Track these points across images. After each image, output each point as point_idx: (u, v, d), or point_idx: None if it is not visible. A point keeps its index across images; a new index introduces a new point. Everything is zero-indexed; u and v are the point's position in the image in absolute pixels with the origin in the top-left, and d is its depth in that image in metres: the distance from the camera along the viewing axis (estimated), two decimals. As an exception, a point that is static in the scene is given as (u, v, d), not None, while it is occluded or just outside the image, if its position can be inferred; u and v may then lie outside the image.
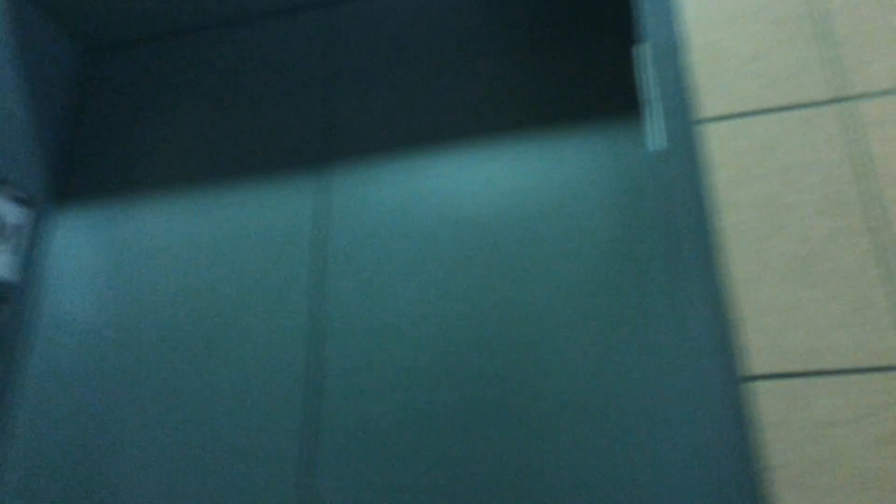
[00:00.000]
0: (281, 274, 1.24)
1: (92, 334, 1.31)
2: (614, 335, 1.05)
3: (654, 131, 0.91)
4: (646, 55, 0.93)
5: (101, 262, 1.37)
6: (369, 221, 1.23)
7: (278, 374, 1.18)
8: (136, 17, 1.47)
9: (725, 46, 0.90)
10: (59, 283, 1.38)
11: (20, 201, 1.37)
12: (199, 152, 1.39)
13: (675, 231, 0.88)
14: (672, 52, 0.92)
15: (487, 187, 1.19)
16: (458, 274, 1.15)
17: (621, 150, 1.13)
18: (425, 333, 1.13)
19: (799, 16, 0.89)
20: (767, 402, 0.76)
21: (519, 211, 1.16)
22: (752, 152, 0.86)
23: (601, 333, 1.05)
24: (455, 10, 1.33)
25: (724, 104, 0.88)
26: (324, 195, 1.28)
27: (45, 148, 1.44)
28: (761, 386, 0.76)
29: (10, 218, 1.34)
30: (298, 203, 1.28)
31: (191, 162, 1.39)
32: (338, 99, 1.34)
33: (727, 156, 0.87)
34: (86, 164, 1.47)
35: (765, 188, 0.83)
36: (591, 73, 1.20)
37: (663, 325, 1.03)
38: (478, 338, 1.10)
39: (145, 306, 1.30)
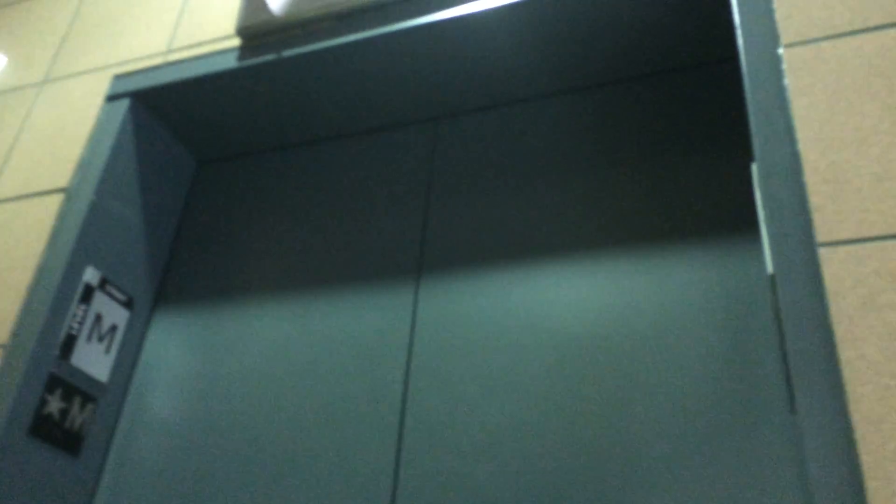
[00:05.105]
0: (371, 386, 1.22)
1: (174, 438, 1.30)
2: (718, 469, 0.97)
3: (770, 253, 0.88)
4: (760, 174, 0.91)
5: (191, 366, 1.38)
6: (460, 334, 1.21)
7: (362, 492, 1.13)
8: (247, 131, 1.56)
9: (847, 168, 0.88)
10: (147, 385, 1.39)
11: (119, 302, 1.41)
12: (297, 261, 1.42)
13: (790, 359, 0.82)
14: (788, 173, 0.90)
15: (586, 304, 1.16)
16: (550, 392, 1.10)
17: (732, 271, 1.09)
18: (513, 453, 1.07)
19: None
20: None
21: (620, 329, 1.11)
22: (879, 279, 0.81)
23: (703, 465, 0.98)
24: (556, 125, 1.35)
25: (846, 228, 0.85)
26: (417, 306, 1.27)
27: (150, 253, 1.50)
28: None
29: (108, 318, 1.38)
30: (392, 314, 1.28)
31: (288, 270, 1.42)
32: (434, 211, 1.36)
33: (850, 283, 0.82)
34: (186, 270, 1.51)
35: (894, 318, 0.78)
36: (703, 189, 1.18)
37: (773, 460, 0.95)
38: (569, 461, 1.04)
39: (231, 412, 1.29)
